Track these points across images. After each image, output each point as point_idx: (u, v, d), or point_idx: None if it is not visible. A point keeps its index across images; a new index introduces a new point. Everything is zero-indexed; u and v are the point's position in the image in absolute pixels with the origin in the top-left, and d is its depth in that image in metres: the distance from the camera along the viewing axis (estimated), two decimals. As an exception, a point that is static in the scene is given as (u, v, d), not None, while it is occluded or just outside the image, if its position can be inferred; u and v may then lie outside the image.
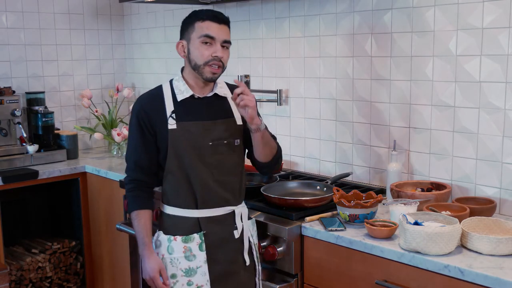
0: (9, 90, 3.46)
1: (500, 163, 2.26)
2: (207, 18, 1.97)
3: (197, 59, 1.98)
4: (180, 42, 2.04)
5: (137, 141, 2.04)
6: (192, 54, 1.99)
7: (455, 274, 1.76)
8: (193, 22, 1.99)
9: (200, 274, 1.99)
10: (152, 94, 2.07)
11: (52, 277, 3.44)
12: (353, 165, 2.79)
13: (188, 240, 1.99)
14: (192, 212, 2.01)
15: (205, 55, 1.97)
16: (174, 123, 1.99)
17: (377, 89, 2.64)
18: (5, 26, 3.55)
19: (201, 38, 1.96)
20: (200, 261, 1.99)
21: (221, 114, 2.07)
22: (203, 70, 1.98)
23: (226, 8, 3.30)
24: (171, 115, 2.00)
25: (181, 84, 2.05)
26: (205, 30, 1.96)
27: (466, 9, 2.28)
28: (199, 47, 1.97)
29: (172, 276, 2.00)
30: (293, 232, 2.17)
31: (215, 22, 1.97)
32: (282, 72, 3.06)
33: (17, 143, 3.46)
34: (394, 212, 2.12)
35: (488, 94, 2.26)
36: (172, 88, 2.06)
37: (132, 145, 2.06)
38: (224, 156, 2.05)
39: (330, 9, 2.77)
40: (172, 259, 2.00)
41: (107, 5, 4.01)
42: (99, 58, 4.01)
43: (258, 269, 2.14)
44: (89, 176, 3.41)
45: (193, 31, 1.98)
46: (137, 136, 2.03)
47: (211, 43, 1.97)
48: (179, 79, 2.07)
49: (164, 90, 2.06)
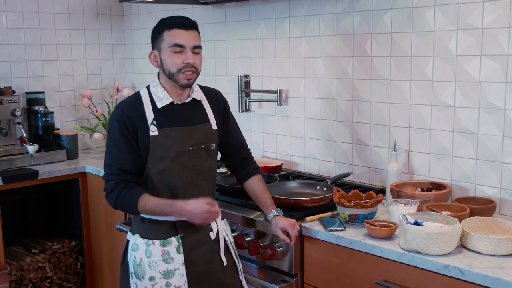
0: (9, 90, 3.46)
1: (500, 163, 2.26)
2: (174, 26, 2.00)
3: (170, 68, 2.01)
4: (152, 53, 2.06)
5: (121, 146, 2.00)
6: (165, 63, 2.02)
7: (455, 274, 1.76)
8: (161, 31, 2.02)
9: (178, 276, 2.02)
10: (132, 101, 2.07)
11: (52, 277, 3.44)
12: (353, 165, 2.79)
13: (166, 244, 2.01)
14: (169, 216, 2.02)
15: (177, 63, 2.00)
16: (155, 129, 2.01)
17: (377, 89, 2.64)
18: (5, 26, 3.55)
19: (171, 47, 1.99)
20: (178, 263, 2.02)
21: (198, 119, 2.11)
22: (177, 77, 2.02)
23: (226, 8, 3.30)
24: (153, 122, 2.01)
25: (159, 91, 2.06)
26: (174, 39, 1.98)
27: (466, 9, 2.28)
28: (170, 56, 2.00)
29: (150, 279, 2.01)
30: (293, 232, 2.18)
31: (182, 29, 2.00)
32: (282, 72, 3.06)
33: (17, 143, 3.46)
34: (394, 212, 2.12)
35: (488, 94, 2.26)
36: (150, 94, 2.07)
37: (115, 150, 2.02)
38: (203, 160, 2.10)
39: (330, 9, 2.77)
40: (150, 262, 2.01)
41: (107, 5, 4.01)
42: (99, 58, 4.01)
43: (239, 266, 2.19)
44: (89, 176, 3.41)
45: (162, 41, 2.01)
46: (120, 141, 2.00)
47: (182, 51, 2.00)
48: (156, 85, 2.08)
49: (142, 97, 2.06)
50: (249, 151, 2.33)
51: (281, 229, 2.08)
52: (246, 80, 3.20)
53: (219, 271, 2.11)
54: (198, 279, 2.06)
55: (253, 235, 2.31)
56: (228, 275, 2.13)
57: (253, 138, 3.27)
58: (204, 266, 2.07)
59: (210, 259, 2.09)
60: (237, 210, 2.38)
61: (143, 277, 2.02)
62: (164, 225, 2.03)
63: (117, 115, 2.02)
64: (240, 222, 2.35)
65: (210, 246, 2.09)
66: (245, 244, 2.30)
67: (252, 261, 2.35)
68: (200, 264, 2.06)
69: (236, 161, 2.29)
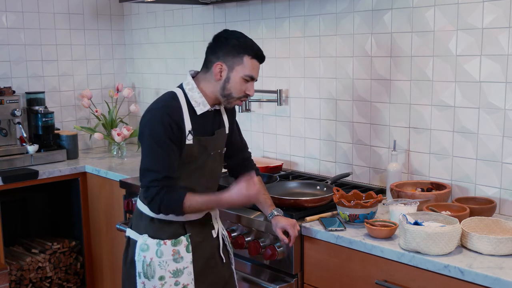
0: (9, 90, 3.46)
1: (500, 163, 2.26)
2: (256, 56, 2.01)
3: (233, 91, 2.02)
4: (220, 64, 2.00)
5: (169, 150, 1.95)
6: (231, 84, 2.01)
7: (455, 274, 1.76)
8: (242, 53, 1.99)
9: (186, 274, 2.04)
10: (174, 104, 2.00)
11: (52, 277, 3.44)
12: (353, 165, 2.79)
13: (177, 244, 2.03)
14: (180, 217, 2.04)
15: (242, 90, 2.03)
16: (191, 138, 2.01)
17: (377, 89, 2.64)
18: (5, 26, 3.55)
19: (246, 76, 2.00)
20: (187, 262, 2.04)
21: (218, 124, 2.15)
22: (232, 101, 2.04)
23: (226, 8, 3.30)
24: (190, 131, 2.00)
25: (197, 96, 2.03)
26: (252, 70, 2.01)
27: (466, 9, 2.28)
28: (240, 82, 2.01)
29: (160, 278, 2.02)
30: (293, 232, 2.18)
31: (259, 63, 2.04)
32: (282, 72, 3.06)
33: (17, 143, 3.46)
34: (394, 212, 2.12)
35: (488, 94, 2.26)
36: (186, 97, 2.03)
37: (161, 155, 1.94)
38: (217, 164, 2.14)
39: (330, 9, 2.77)
40: (161, 262, 2.02)
41: (107, 5, 4.01)
42: (99, 58, 4.01)
43: (231, 257, 2.23)
44: (89, 176, 3.41)
45: (240, 63, 1.99)
46: (168, 144, 1.94)
47: (249, 81, 2.03)
48: (193, 88, 2.04)
49: (180, 100, 2.02)
50: (250, 153, 2.36)
51: (281, 229, 2.08)
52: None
53: (219, 266, 2.15)
54: (202, 275, 2.09)
55: (253, 235, 2.31)
56: (225, 270, 2.19)
57: (253, 138, 3.27)
58: (207, 262, 2.10)
59: (212, 255, 2.12)
60: (237, 210, 2.38)
61: (152, 277, 2.02)
62: (174, 225, 2.04)
63: (164, 119, 1.94)
64: (240, 222, 2.35)
65: (211, 242, 2.13)
66: (245, 244, 2.30)
67: (252, 261, 2.35)
68: (203, 260, 2.09)
69: (238, 160, 2.31)
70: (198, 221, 2.08)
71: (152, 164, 1.96)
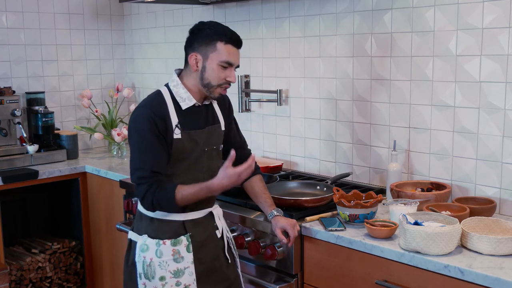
0: (9, 90, 3.46)
1: (500, 163, 2.26)
2: (230, 41, 1.98)
3: (211, 79, 2.00)
4: (194, 55, 2.01)
5: (154, 146, 1.96)
6: (207, 73, 2.00)
7: (455, 274, 1.76)
8: (214, 40, 1.98)
9: (188, 274, 2.03)
10: (158, 100, 2.02)
11: (52, 277, 3.44)
12: (353, 165, 2.79)
13: (176, 243, 2.02)
14: (178, 216, 2.03)
15: (221, 77, 2.00)
16: (179, 132, 2.00)
17: (377, 89, 2.64)
18: (5, 26, 3.55)
19: (221, 63, 1.98)
20: (188, 262, 2.03)
21: (212, 120, 2.13)
22: (213, 90, 2.02)
23: (226, 8, 3.30)
24: (177, 125, 2.00)
25: (181, 92, 2.04)
26: (227, 56, 1.98)
27: (466, 9, 2.28)
28: (216, 69, 1.99)
29: (161, 279, 2.01)
30: (293, 232, 2.18)
31: (235, 47, 2.00)
32: (282, 72, 3.06)
33: (17, 143, 3.46)
34: (394, 212, 2.12)
35: (488, 94, 2.26)
36: (172, 94, 2.04)
37: (147, 151, 1.96)
38: (213, 161, 2.12)
39: (330, 9, 2.77)
40: (161, 262, 2.01)
41: (107, 5, 4.01)
42: (99, 58, 4.01)
43: (237, 261, 2.22)
44: (89, 176, 3.41)
45: (214, 51, 1.98)
46: (153, 141, 1.95)
47: (228, 67, 2.00)
48: (177, 85, 2.05)
49: (165, 97, 2.03)
50: (249, 151, 2.34)
51: (281, 229, 2.08)
52: (246, 80, 3.19)
53: (224, 267, 2.13)
54: (206, 276, 2.07)
55: (253, 235, 2.31)
56: (231, 271, 2.16)
57: (253, 138, 3.27)
58: (211, 263, 2.09)
59: (216, 256, 2.11)
60: (237, 210, 2.38)
61: (153, 277, 2.02)
62: (173, 225, 2.04)
63: (147, 115, 1.95)
64: (240, 222, 2.35)
65: (216, 243, 2.11)
66: (245, 244, 2.30)
67: (252, 261, 2.35)
68: (207, 261, 2.08)
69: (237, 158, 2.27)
70: (199, 220, 2.07)
71: (140, 161, 1.98)
